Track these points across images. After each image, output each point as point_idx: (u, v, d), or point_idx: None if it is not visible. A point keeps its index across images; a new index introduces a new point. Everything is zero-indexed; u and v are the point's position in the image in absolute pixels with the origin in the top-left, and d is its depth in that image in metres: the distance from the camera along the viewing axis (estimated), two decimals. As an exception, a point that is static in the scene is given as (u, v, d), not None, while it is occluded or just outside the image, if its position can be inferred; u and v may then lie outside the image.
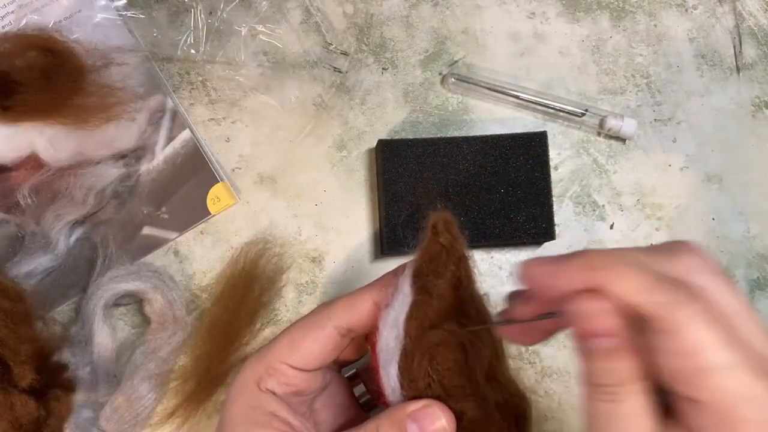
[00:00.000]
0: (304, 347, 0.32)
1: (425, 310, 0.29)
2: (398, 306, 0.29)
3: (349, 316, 0.32)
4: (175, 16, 0.52)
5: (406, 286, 0.29)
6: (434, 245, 0.29)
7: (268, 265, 0.49)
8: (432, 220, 0.29)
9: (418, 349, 0.28)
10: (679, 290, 0.23)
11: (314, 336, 0.32)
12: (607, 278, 0.23)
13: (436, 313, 0.29)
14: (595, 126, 0.54)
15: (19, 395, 0.38)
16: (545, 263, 0.25)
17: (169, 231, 0.49)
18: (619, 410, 0.24)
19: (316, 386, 0.34)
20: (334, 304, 0.33)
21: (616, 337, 0.23)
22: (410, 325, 0.29)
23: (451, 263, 0.29)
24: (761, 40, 0.57)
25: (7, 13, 0.49)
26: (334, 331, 0.32)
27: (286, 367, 0.32)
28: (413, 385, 0.29)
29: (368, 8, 0.54)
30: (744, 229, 0.54)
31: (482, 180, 0.49)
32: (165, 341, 0.46)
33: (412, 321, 0.29)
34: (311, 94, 0.52)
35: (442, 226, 0.29)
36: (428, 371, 0.28)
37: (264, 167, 0.51)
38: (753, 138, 0.56)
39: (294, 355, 0.32)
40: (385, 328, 0.30)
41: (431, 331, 0.28)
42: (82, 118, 0.44)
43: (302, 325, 0.33)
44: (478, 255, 0.52)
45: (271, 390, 0.32)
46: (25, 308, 0.41)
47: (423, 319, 0.29)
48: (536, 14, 0.56)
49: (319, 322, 0.32)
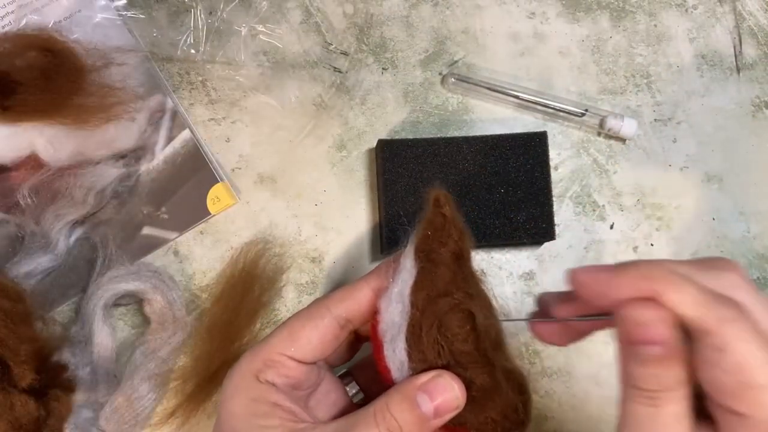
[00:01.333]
0: (303, 337, 0.32)
1: (432, 279, 0.29)
2: (401, 281, 0.30)
3: (347, 306, 0.32)
4: (175, 16, 0.52)
5: (409, 261, 0.30)
6: (437, 216, 0.30)
7: (268, 265, 0.49)
8: (433, 194, 0.30)
9: (426, 318, 0.29)
10: (729, 307, 0.24)
11: (313, 326, 0.32)
12: (662, 289, 0.24)
13: (442, 282, 0.29)
14: (595, 126, 0.54)
15: (19, 395, 0.38)
16: (600, 271, 0.26)
17: (169, 231, 0.49)
18: (659, 415, 0.24)
19: (313, 381, 0.33)
20: (332, 295, 0.33)
21: (668, 345, 0.24)
22: (417, 296, 0.29)
23: (454, 233, 0.30)
24: (761, 40, 0.57)
25: (7, 13, 0.49)
26: (333, 321, 0.32)
27: (285, 359, 0.31)
28: (422, 356, 0.29)
29: (368, 8, 0.54)
30: (744, 229, 0.54)
31: (482, 180, 0.49)
32: (165, 341, 0.46)
33: (419, 291, 0.29)
34: (311, 94, 0.52)
35: (443, 198, 0.30)
36: (437, 339, 0.29)
37: (264, 167, 0.51)
38: (753, 138, 0.56)
39: (293, 346, 0.31)
40: (389, 306, 0.30)
41: (439, 299, 0.29)
42: (82, 118, 0.44)
43: (300, 316, 0.32)
44: (478, 255, 0.52)
45: (271, 382, 0.31)
46: (25, 308, 0.41)
47: (430, 288, 0.29)
48: (536, 14, 0.56)
49: (318, 312, 0.32)
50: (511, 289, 0.52)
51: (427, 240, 0.30)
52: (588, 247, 0.53)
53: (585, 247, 0.53)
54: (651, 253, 0.53)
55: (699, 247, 0.54)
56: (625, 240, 0.53)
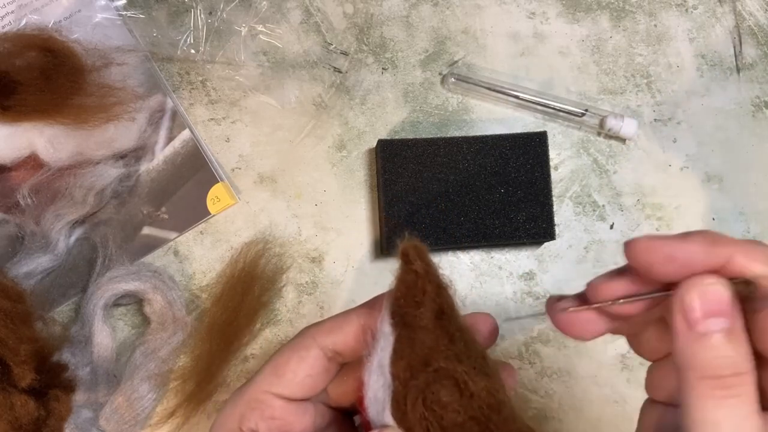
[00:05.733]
0: (289, 371, 0.29)
1: (411, 347, 0.26)
2: (380, 350, 0.27)
3: (335, 338, 0.29)
4: (175, 16, 0.52)
5: (386, 326, 0.27)
6: (408, 274, 0.26)
7: (268, 265, 0.49)
8: (402, 248, 0.26)
9: (409, 392, 0.26)
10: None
11: (298, 358, 0.29)
12: (734, 251, 0.23)
13: (423, 348, 0.26)
14: (595, 126, 0.54)
15: (19, 395, 0.37)
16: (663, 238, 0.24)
17: (168, 231, 0.49)
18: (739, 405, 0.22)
19: (308, 423, 0.30)
20: (320, 325, 0.30)
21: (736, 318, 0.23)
22: (397, 367, 0.26)
23: (430, 290, 0.26)
24: (761, 40, 0.57)
25: (7, 13, 0.49)
26: (320, 353, 0.29)
27: (270, 397, 0.29)
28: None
29: (368, 8, 0.54)
30: (744, 229, 0.54)
31: (482, 180, 0.49)
32: (165, 341, 0.46)
33: (399, 361, 0.26)
34: (311, 94, 0.52)
35: (413, 253, 0.26)
36: (424, 414, 0.25)
37: (264, 167, 0.51)
38: (753, 138, 0.56)
39: (278, 381, 0.29)
40: (371, 378, 0.27)
41: (422, 369, 0.26)
42: (82, 118, 0.44)
43: (285, 349, 0.30)
44: (478, 255, 0.52)
45: (254, 430, 0.28)
46: (25, 308, 0.41)
47: (410, 356, 0.26)
48: (536, 14, 0.56)
49: (304, 343, 0.29)
50: (511, 289, 0.52)
51: (401, 303, 0.26)
52: (588, 247, 0.53)
53: (585, 247, 0.53)
54: (651, 253, 0.53)
55: (699, 247, 0.54)
56: (625, 240, 0.53)
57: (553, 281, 0.52)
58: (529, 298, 0.52)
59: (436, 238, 0.48)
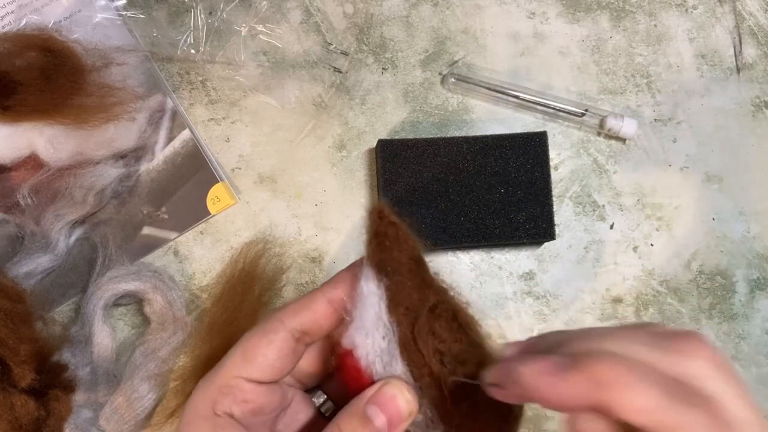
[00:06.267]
0: (259, 355, 0.29)
1: (405, 291, 0.28)
2: (371, 307, 0.28)
3: (302, 318, 0.30)
4: (175, 16, 0.52)
5: (372, 283, 0.28)
6: (388, 227, 0.29)
7: (268, 265, 0.49)
8: (373, 208, 0.29)
9: (418, 331, 0.28)
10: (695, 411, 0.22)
11: (267, 341, 0.29)
12: (615, 397, 0.22)
13: (415, 290, 0.28)
14: (595, 126, 0.54)
15: (19, 395, 0.38)
16: (546, 370, 0.23)
17: (168, 231, 0.49)
18: None
19: (276, 403, 0.31)
20: (286, 308, 0.30)
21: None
22: (398, 313, 0.28)
23: (408, 239, 0.29)
24: (761, 40, 0.57)
25: (7, 13, 0.49)
26: (288, 335, 0.30)
27: (241, 381, 0.29)
28: (427, 371, 0.28)
29: (368, 8, 0.54)
30: (744, 229, 0.54)
31: (482, 180, 0.49)
32: (165, 341, 0.46)
33: (398, 308, 0.28)
34: (311, 94, 0.52)
35: (385, 209, 0.29)
36: (436, 347, 0.28)
37: (264, 167, 0.51)
38: (753, 138, 0.56)
39: (248, 365, 0.29)
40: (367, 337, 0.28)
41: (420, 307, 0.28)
42: (82, 118, 0.44)
43: (254, 333, 0.30)
44: (478, 255, 0.52)
45: (228, 412, 0.29)
46: (25, 308, 0.41)
47: (407, 300, 0.28)
48: (536, 14, 0.56)
49: (271, 327, 0.30)
50: (511, 289, 0.52)
51: (385, 253, 0.28)
52: (588, 247, 0.53)
53: (585, 247, 0.53)
54: (651, 252, 0.53)
55: (699, 247, 0.54)
56: (625, 240, 0.53)
57: (553, 281, 0.52)
58: (529, 298, 0.52)
59: (436, 238, 0.48)
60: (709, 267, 0.54)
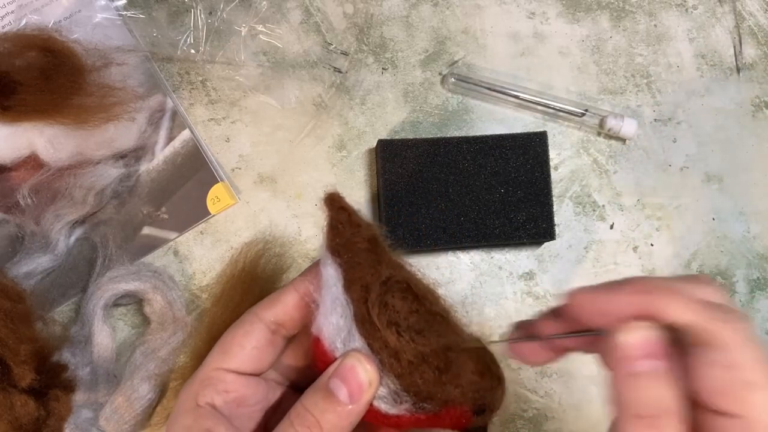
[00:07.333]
0: (236, 346, 0.31)
1: (359, 269, 0.29)
2: (330, 289, 0.29)
3: (275, 311, 0.32)
4: (175, 16, 0.52)
5: (330, 267, 0.30)
6: (339, 212, 0.30)
7: (268, 265, 0.49)
8: (327, 196, 0.30)
9: (371, 306, 0.28)
10: (725, 311, 0.24)
11: (243, 333, 0.31)
12: (662, 301, 0.24)
13: (369, 266, 0.29)
14: (595, 126, 0.54)
15: (19, 395, 0.37)
16: (599, 289, 0.26)
17: (168, 231, 0.49)
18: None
19: (261, 395, 0.32)
20: (261, 302, 0.32)
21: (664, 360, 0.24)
22: (353, 290, 0.29)
23: (362, 221, 0.30)
24: (761, 40, 0.57)
25: (7, 13, 0.49)
26: (263, 326, 0.31)
27: (221, 372, 0.31)
28: (382, 344, 0.28)
29: (368, 8, 0.54)
30: (744, 229, 0.54)
31: (482, 180, 0.49)
32: (165, 341, 0.46)
33: (353, 285, 0.29)
34: (311, 94, 0.52)
35: (337, 196, 0.30)
36: (390, 318, 0.28)
37: (264, 167, 0.51)
38: (753, 138, 0.56)
39: (227, 357, 0.31)
40: (326, 319, 0.30)
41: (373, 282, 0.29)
42: (82, 118, 0.44)
43: (231, 328, 0.32)
44: (478, 255, 0.52)
45: (210, 403, 0.30)
46: (25, 308, 0.41)
47: (361, 278, 0.29)
48: (536, 14, 0.56)
49: (248, 320, 0.32)
50: (511, 289, 0.52)
51: (340, 237, 0.30)
52: (588, 247, 0.53)
53: (585, 247, 0.53)
54: (651, 252, 0.53)
55: (699, 247, 0.54)
56: (625, 240, 0.53)
57: (553, 281, 0.52)
58: (529, 298, 0.52)
59: (436, 238, 0.48)
60: (709, 267, 0.54)
